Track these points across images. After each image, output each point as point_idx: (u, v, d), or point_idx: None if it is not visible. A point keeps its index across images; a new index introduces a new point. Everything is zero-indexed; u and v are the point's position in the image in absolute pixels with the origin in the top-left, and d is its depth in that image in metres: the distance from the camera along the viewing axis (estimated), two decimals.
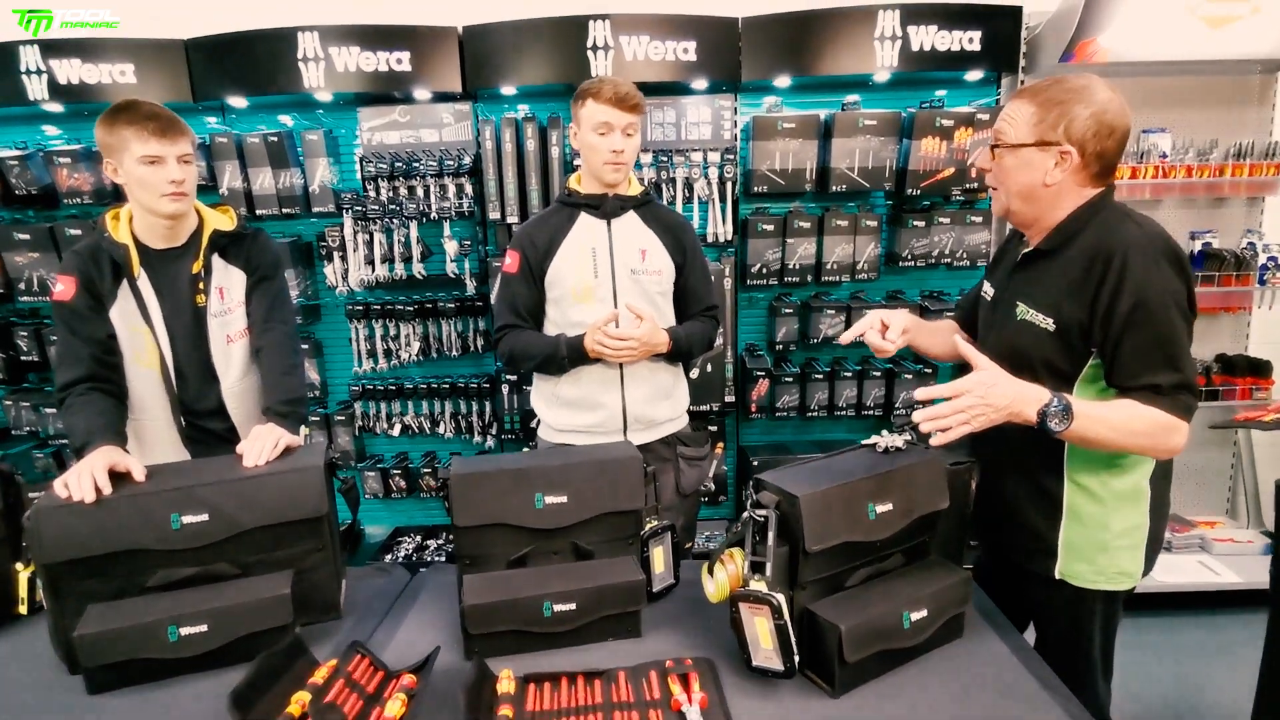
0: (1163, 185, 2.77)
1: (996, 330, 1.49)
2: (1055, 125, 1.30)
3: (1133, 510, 1.42)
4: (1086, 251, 1.32)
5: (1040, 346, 1.38)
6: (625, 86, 1.80)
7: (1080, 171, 1.33)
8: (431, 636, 1.43)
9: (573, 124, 1.88)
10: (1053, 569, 1.45)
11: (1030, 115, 1.32)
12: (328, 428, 3.08)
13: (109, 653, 1.26)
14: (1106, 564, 1.42)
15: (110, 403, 1.67)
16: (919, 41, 2.65)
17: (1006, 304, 1.46)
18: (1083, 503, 1.42)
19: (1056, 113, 1.30)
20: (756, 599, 1.20)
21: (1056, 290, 1.35)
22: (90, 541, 1.30)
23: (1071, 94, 1.30)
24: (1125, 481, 1.40)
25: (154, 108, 1.65)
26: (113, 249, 1.69)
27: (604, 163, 1.83)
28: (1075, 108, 1.29)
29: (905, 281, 3.06)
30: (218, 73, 2.73)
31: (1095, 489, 1.41)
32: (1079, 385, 1.37)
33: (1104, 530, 1.41)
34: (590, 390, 1.91)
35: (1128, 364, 1.29)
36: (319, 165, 2.85)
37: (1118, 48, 2.53)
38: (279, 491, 1.40)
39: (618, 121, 1.79)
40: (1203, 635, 2.76)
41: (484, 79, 2.72)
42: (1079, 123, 1.29)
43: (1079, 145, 1.30)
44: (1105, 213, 1.34)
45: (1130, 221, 1.32)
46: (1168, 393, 1.27)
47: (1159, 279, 1.26)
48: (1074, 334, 1.33)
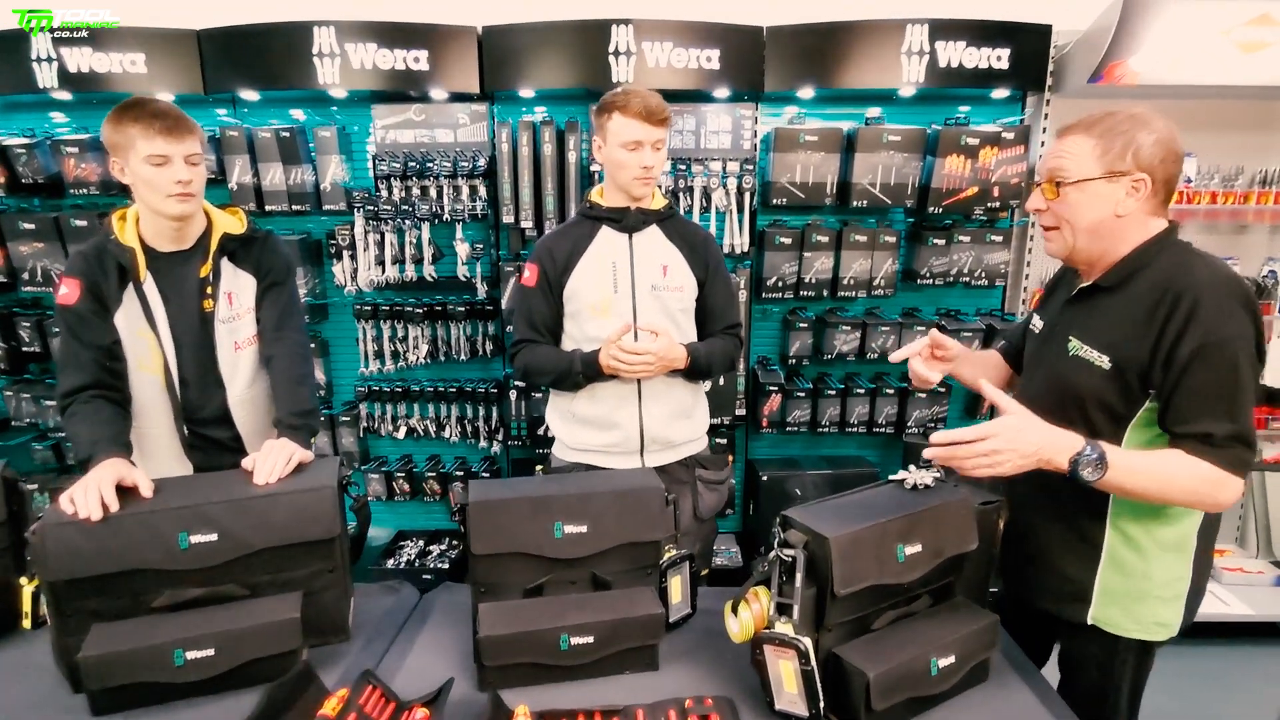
0: (1186, 211, 2.74)
1: (1046, 366, 1.44)
2: (1123, 154, 1.27)
3: (1177, 561, 1.37)
4: (1153, 289, 1.27)
5: (1093, 385, 1.33)
6: (654, 99, 1.74)
7: (1150, 199, 1.29)
8: (443, 663, 1.39)
9: (596, 136, 1.83)
10: (1085, 615, 1.41)
11: (1092, 148, 1.29)
12: (332, 428, 3.04)
13: (113, 676, 1.22)
14: (1144, 614, 1.38)
15: (114, 411, 1.62)
16: (946, 58, 2.61)
17: (1059, 338, 1.41)
18: (1125, 551, 1.37)
19: (1122, 142, 1.26)
20: (783, 642, 1.17)
21: (1115, 327, 1.31)
22: (96, 560, 1.26)
23: (1132, 123, 1.27)
24: (1172, 532, 1.35)
25: (161, 106, 1.59)
26: (119, 252, 1.64)
27: (634, 178, 1.78)
28: (1140, 135, 1.26)
29: (921, 299, 3.02)
30: (230, 65, 2.68)
31: (1139, 538, 1.36)
32: (1132, 429, 1.32)
33: (1146, 580, 1.36)
34: (607, 408, 1.87)
35: (1183, 408, 1.24)
36: (331, 162, 2.81)
37: (1148, 71, 2.49)
38: (291, 512, 1.36)
39: (647, 137, 1.74)
40: (1212, 666, 2.73)
41: (502, 80, 2.68)
42: (1147, 149, 1.26)
43: (1150, 171, 1.27)
44: (1172, 249, 1.30)
45: (1201, 261, 1.28)
46: (1220, 444, 1.22)
47: (1230, 323, 1.20)
48: (1131, 374, 1.28)
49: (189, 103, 2.83)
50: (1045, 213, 1.38)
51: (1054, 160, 1.34)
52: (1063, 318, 1.43)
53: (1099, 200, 1.30)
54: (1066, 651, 1.50)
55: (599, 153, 1.84)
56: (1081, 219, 1.33)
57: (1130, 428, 1.32)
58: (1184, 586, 1.38)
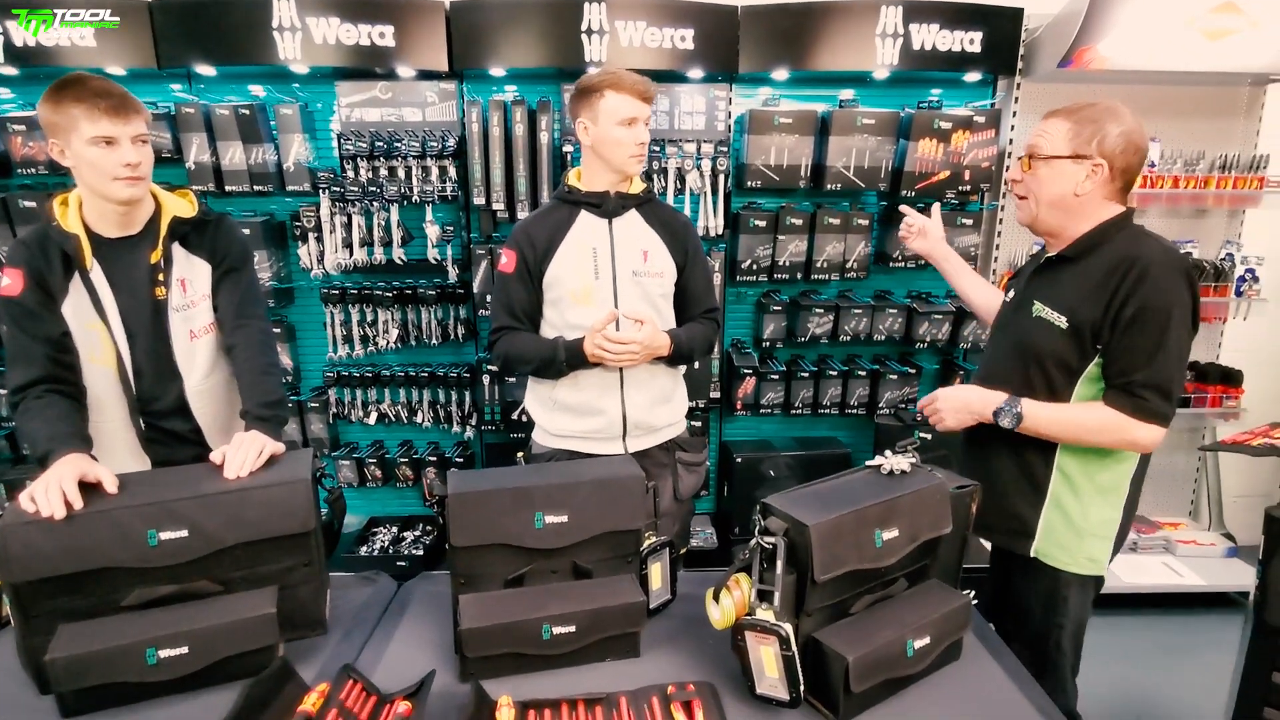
0: (1149, 195, 2.80)
1: (1011, 329, 1.62)
2: (1090, 140, 1.44)
3: (1110, 504, 1.57)
4: (1110, 260, 1.45)
5: (1051, 341, 1.51)
6: (641, 76, 1.75)
7: (1107, 184, 1.47)
8: (423, 655, 1.39)
9: (582, 117, 1.79)
10: (1029, 548, 1.61)
11: (1066, 131, 1.46)
12: (301, 414, 2.99)
13: (83, 677, 1.19)
14: (1080, 550, 1.58)
15: (70, 405, 1.55)
16: (920, 40, 2.61)
17: (1024, 303, 1.59)
18: (1065, 492, 1.57)
19: (1091, 129, 1.44)
20: (764, 629, 1.19)
21: (1074, 292, 1.49)
22: (61, 560, 1.22)
23: (1104, 114, 1.44)
24: (1108, 477, 1.56)
25: (105, 84, 1.49)
26: (61, 239, 1.55)
27: (630, 156, 1.77)
28: (1109, 125, 1.43)
29: (893, 282, 3.06)
30: (185, 38, 2.57)
31: (1079, 481, 1.56)
32: (1082, 381, 1.51)
33: (1084, 519, 1.56)
34: (589, 396, 1.86)
35: (1118, 359, 1.44)
36: (294, 141, 2.72)
37: (1116, 56, 2.52)
38: (264, 507, 1.33)
39: (641, 114, 1.74)
40: (1165, 636, 2.85)
41: (471, 58, 2.61)
42: (1111, 139, 1.43)
43: (1109, 159, 1.44)
44: (1128, 230, 1.49)
45: (1152, 239, 1.47)
46: (1137, 391, 1.43)
47: (1171, 292, 1.39)
48: (1085, 332, 1.46)
49: (142, 77, 2.72)
50: (1020, 183, 1.57)
51: (1035, 137, 1.52)
52: (1029, 286, 1.62)
53: (1062, 178, 1.48)
54: (1015, 585, 1.69)
55: (586, 134, 1.80)
56: (1045, 192, 1.51)
57: (1081, 380, 1.51)
58: (1113, 529, 1.59)
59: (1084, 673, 1.56)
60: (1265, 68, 2.59)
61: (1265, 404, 3.10)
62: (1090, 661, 2.63)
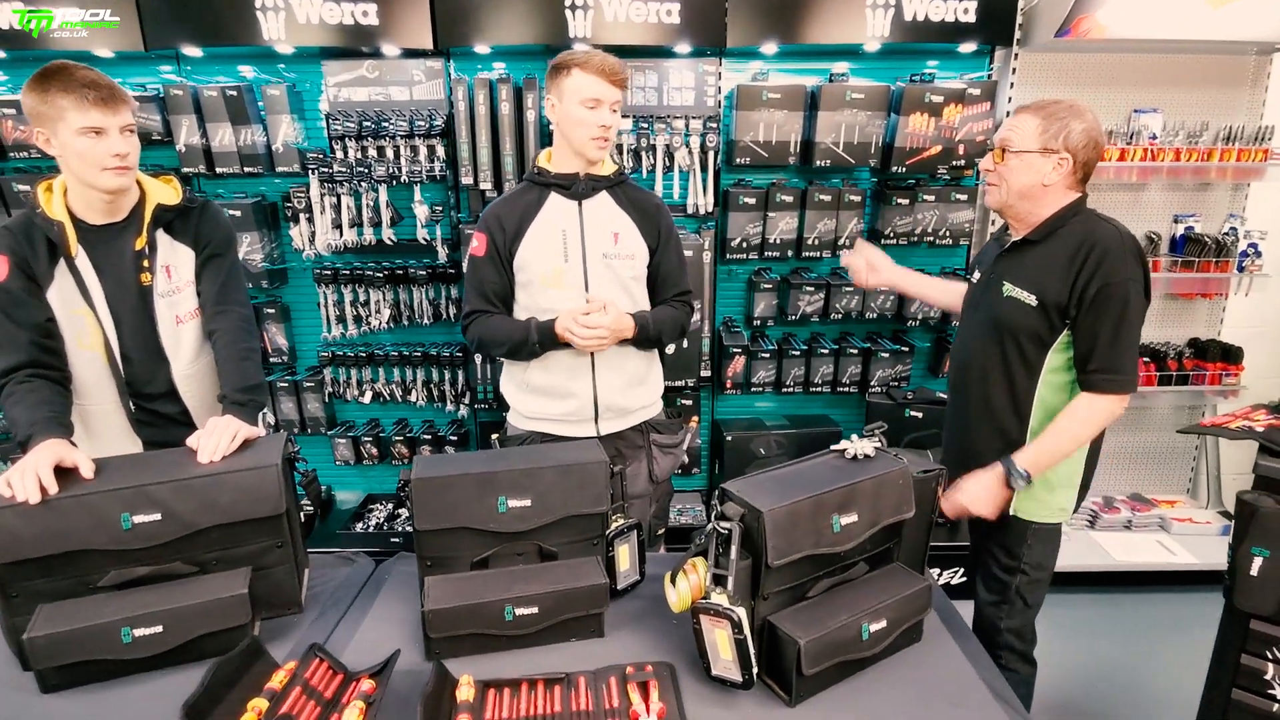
0: (1150, 168, 2.73)
1: (984, 307, 1.76)
2: (1057, 136, 1.58)
3: (1074, 459, 1.72)
4: (1070, 242, 1.60)
5: (1024, 318, 1.65)
6: (613, 59, 1.72)
7: (1070, 175, 1.62)
8: (393, 634, 1.42)
9: (549, 95, 1.78)
10: (1009, 507, 1.74)
11: (1036, 127, 1.60)
12: (297, 394, 3.03)
13: (61, 654, 1.24)
14: (1051, 501, 1.75)
15: (53, 390, 1.58)
16: (912, 10, 2.55)
17: (994, 284, 1.73)
18: None
19: (1058, 126, 1.58)
20: (717, 612, 1.20)
21: (1040, 272, 1.63)
22: (37, 543, 1.26)
23: (1069, 112, 1.58)
24: None
25: (92, 74, 1.51)
26: (46, 226, 1.57)
27: (591, 138, 1.75)
28: (1073, 123, 1.57)
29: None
30: (171, 19, 2.57)
31: None
32: (1052, 352, 1.66)
33: (1054, 473, 1.72)
34: (561, 378, 1.87)
35: (1085, 340, 1.59)
36: (282, 122, 2.72)
37: (1115, 25, 2.44)
38: (235, 491, 1.36)
39: (607, 96, 1.71)
40: (1155, 613, 2.85)
41: (456, 36, 2.59)
42: (1075, 135, 1.58)
43: (1073, 153, 1.59)
44: (1084, 214, 1.65)
45: (1105, 222, 1.63)
46: (1105, 374, 1.59)
47: (1124, 268, 1.55)
48: (1052, 308, 1.61)
49: (130, 59, 2.73)
50: (993, 172, 1.69)
51: (1007, 132, 1.66)
52: (997, 267, 1.75)
53: (1031, 169, 1.62)
54: (987, 543, 1.84)
55: (553, 111, 1.79)
56: (1016, 182, 1.64)
57: (1051, 350, 1.66)
58: (1078, 479, 1.76)
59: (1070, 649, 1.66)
60: (1271, 36, 2.50)
61: (1265, 380, 3.05)
62: (1077, 638, 2.66)
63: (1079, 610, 2.85)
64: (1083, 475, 1.78)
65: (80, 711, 1.23)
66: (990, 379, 1.74)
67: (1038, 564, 1.79)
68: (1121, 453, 3.27)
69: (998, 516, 1.73)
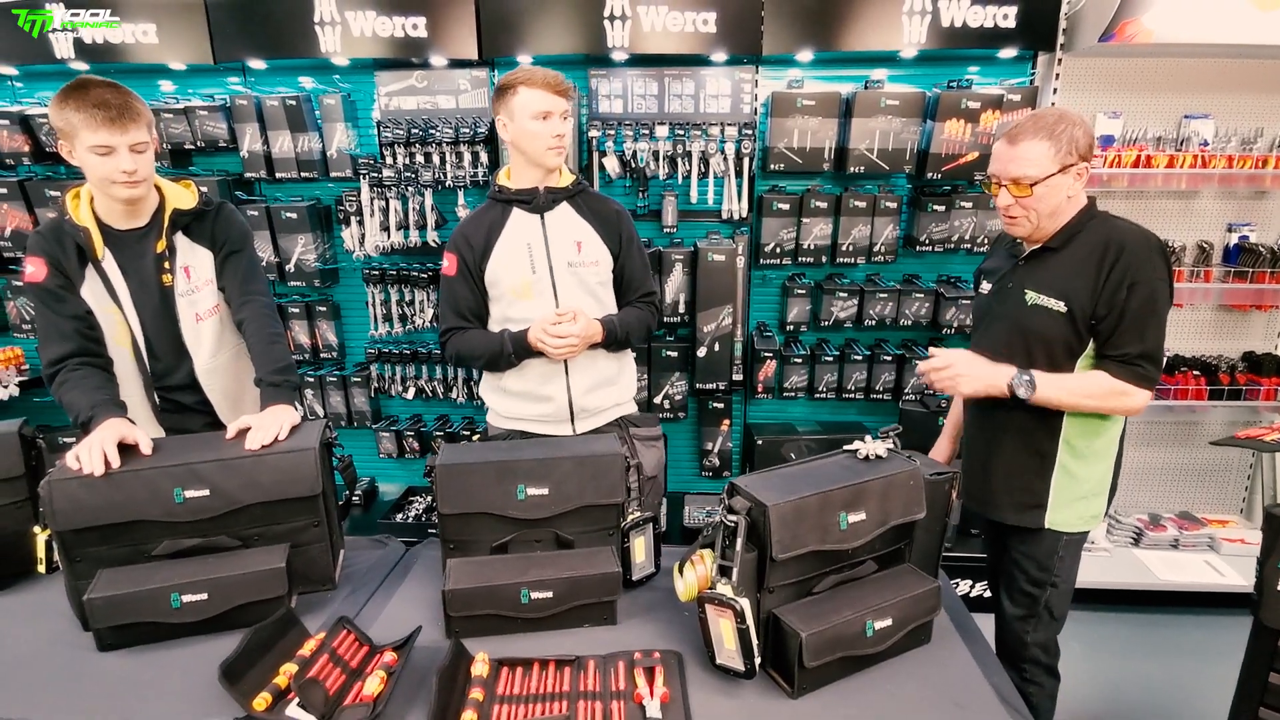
0: (1200, 175, 2.65)
1: (1006, 318, 1.72)
2: (1070, 150, 1.58)
3: (1103, 465, 1.73)
4: (1094, 244, 1.59)
5: (1052, 325, 1.63)
6: (555, 73, 1.81)
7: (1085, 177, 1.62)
8: (417, 613, 1.50)
9: (500, 116, 1.84)
10: (1042, 520, 1.73)
11: (1047, 149, 1.57)
12: (345, 388, 3.17)
13: (116, 615, 1.35)
14: (1084, 510, 1.73)
15: (103, 376, 1.69)
16: (950, 16, 2.54)
17: (1014, 293, 1.70)
18: (1069, 459, 1.70)
19: (1066, 139, 1.57)
20: (721, 602, 1.24)
21: (1065, 278, 1.62)
22: (99, 512, 1.38)
23: (1063, 121, 1.58)
24: (1103, 441, 1.71)
25: (105, 93, 1.55)
26: (74, 231, 1.67)
27: (547, 148, 1.82)
28: (1075, 131, 1.57)
29: (922, 266, 3.00)
30: (238, 34, 2.74)
31: (1080, 446, 1.69)
32: (1083, 359, 1.64)
33: (1086, 482, 1.71)
34: (534, 384, 1.95)
35: (1113, 335, 1.58)
36: (337, 129, 2.87)
37: (1161, 29, 2.39)
38: (276, 471, 1.46)
39: (555, 107, 1.79)
40: (1200, 636, 2.75)
41: (500, 47, 2.69)
42: (1081, 140, 1.58)
43: (1086, 158, 1.60)
44: (1099, 216, 1.65)
45: (1124, 223, 1.63)
46: (1132, 361, 1.58)
47: (1149, 266, 1.55)
48: (1080, 312, 1.59)
49: (200, 72, 2.91)
50: (1013, 206, 1.64)
51: (1020, 167, 1.59)
52: (1015, 276, 1.72)
53: (1057, 190, 1.60)
54: (1016, 558, 1.80)
55: (505, 130, 1.86)
56: (1046, 207, 1.62)
57: (1081, 358, 1.64)
58: (1107, 484, 1.75)
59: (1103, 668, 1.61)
60: None
61: None
62: (1112, 657, 2.59)
63: (1117, 628, 2.77)
64: (1111, 480, 1.76)
65: (132, 669, 1.34)
66: None
67: (1066, 576, 1.77)
68: (1170, 469, 3.16)
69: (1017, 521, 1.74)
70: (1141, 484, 3.19)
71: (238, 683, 1.20)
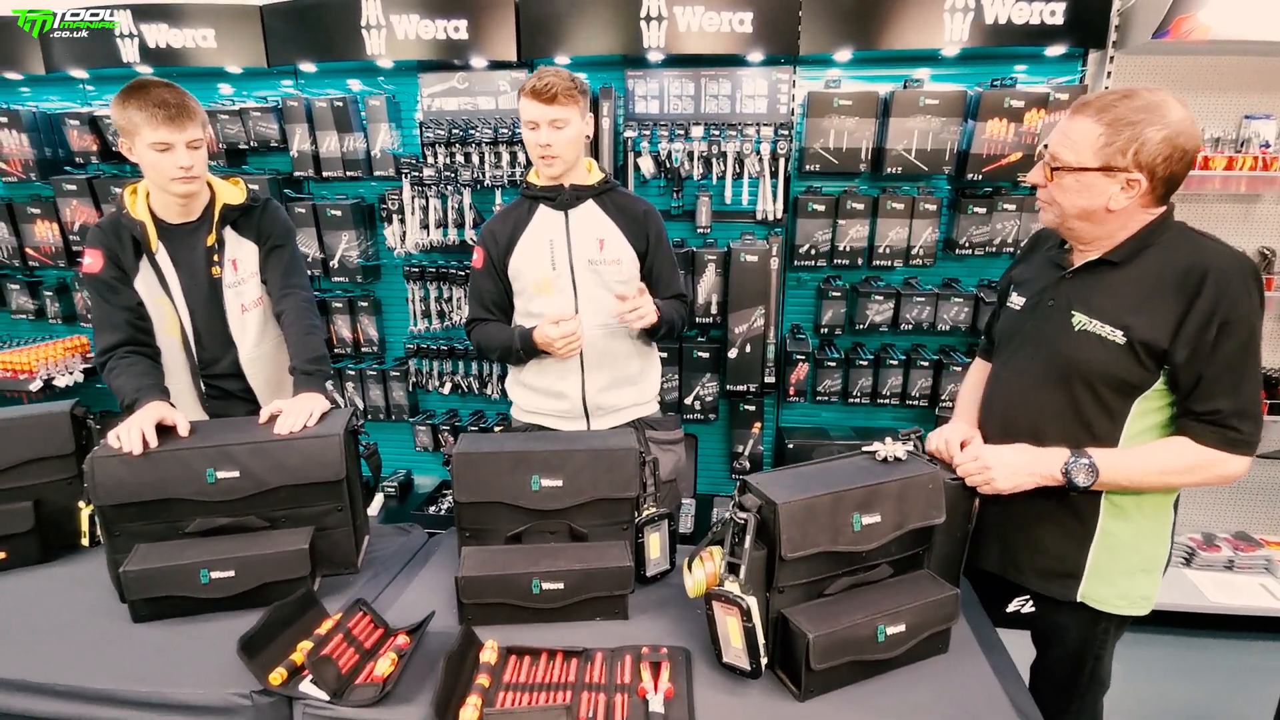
0: (1262, 179, 2.52)
1: (1044, 345, 1.41)
2: (1125, 150, 1.23)
3: (1159, 534, 1.43)
4: (1171, 266, 1.27)
5: (1106, 360, 1.32)
6: (546, 79, 1.77)
7: (1147, 195, 1.27)
8: (433, 599, 1.53)
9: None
10: (1074, 592, 1.44)
11: (1097, 137, 1.25)
12: (384, 382, 3.25)
13: (149, 588, 1.42)
14: (1131, 589, 1.43)
15: (150, 363, 1.79)
16: (994, 13, 2.47)
17: (1057, 313, 1.39)
18: (1115, 524, 1.40)
19: (1127, 136, 1.23)
20: (728, 600, 1.23)
21: (1128, 302, 1.30)
22: (137, 489, 1.46)
23: (1143, 113, 1.22)
24: (1157, 500, 1.41)
25: (164, 93, 1.66)
26: (131, 225, 1.77)
27: (538, 157, 1.85)
28: (1149, 130, 1.22)
29: (962, 270, 2.92)
30: (290, 38, 2.85)
31: (1129, 507, 1.39)
32: (1141, 400, 1.34)
33: (1134, 554, 1.41)
34: (551, 379, 1.97)
35: (1196, 387, 1.28)
36: (380, 130, 2.95)
37: (1220, 25, 2.28)
38: (302, 455, 1.51)
39: (540, 116, 1.79)
40: (1253, 661, 2.60)
41: (538, 48, 2.73)
42: (1150, 147, 1.22)
43: (1149, 171, 1.24)
44: (1177, 228, 1.32)
45: (1210, 240, 1.30)
46: (1224, 422, 1.27)
47: (1247, 300, 1.24)
48: (1146, 348, 1.28)
49: (254, 75, 3.03)
50: (1044, 187, 1.36)
51: (1058, 142, 1.31)
52: (1060, 292, 1.40)
53: (1091, 191, 1.28)
54: (1046, 627, 1.53)
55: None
56: (1071, 205, 1.32)
57: (1139, 399, 1.33)
58: (1163, 560, 1.44)
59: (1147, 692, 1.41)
60: None
61: None
62: (1155, 680, 2.48)
63: (1163, 650, 2.64)
64: (1167, 554, 1.45)
65: (162, 640, 1.40)
66: (1048, 435, 1.39)
67: (1108, 669, 1.51)
68: (1226, 487, 3.01)
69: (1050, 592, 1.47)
70: (1195, 502, 3.04)
71: (256, 657, 1.24)
